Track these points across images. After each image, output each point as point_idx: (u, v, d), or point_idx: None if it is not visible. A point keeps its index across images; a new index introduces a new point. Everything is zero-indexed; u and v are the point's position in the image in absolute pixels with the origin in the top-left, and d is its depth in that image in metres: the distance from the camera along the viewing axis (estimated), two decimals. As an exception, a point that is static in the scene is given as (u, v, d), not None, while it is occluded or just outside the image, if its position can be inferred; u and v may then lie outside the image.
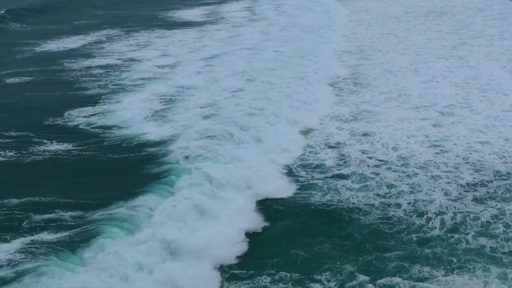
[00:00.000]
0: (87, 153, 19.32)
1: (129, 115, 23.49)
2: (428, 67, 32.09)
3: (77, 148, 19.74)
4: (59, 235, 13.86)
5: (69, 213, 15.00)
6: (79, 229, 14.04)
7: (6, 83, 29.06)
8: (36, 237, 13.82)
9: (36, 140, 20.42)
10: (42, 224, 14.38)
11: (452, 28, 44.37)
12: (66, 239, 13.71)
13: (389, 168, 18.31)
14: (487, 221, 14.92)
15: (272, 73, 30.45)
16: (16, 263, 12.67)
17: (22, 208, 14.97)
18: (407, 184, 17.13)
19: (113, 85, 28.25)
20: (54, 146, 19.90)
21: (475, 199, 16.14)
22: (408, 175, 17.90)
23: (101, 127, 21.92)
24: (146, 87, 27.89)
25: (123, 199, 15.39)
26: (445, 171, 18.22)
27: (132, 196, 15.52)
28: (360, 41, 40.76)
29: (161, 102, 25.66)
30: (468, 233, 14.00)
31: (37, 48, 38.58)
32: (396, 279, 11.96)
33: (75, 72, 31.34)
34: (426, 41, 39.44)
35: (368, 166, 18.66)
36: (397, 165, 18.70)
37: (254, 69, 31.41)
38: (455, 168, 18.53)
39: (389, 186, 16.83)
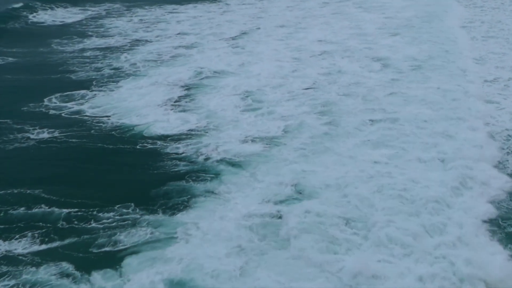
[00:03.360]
0: (74, 140, 17.72)
1: (127, 102, 21.15)
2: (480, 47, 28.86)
3: (60, 136, 18.02)
4: (53, 240, 12.19)
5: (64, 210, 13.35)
6: (83, 236, 12.28)
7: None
8: (20, 241, 12.24)
9: (16, 127, 18.83)
10: (28, 222, 12.94)
11: (496, 3, 41.46)
12: (64, 247, 11.95)
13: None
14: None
15: (325, 56, 27.22)
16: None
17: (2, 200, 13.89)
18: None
19: (111, 68, 25.81)
20: (37, 134, 18.21)
21: None
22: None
23: (92, 115, 19.99)
24: (156, 71, 25.38)
25: (135, 200, 13.64)
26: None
27: (146, 198, 13.82)
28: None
29: (176, 88, 22.85)
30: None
31: (23, 21, 36.00)
32: None
33: (66, 53, 28.93)
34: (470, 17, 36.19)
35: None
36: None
37: (302, 49, 28.58)
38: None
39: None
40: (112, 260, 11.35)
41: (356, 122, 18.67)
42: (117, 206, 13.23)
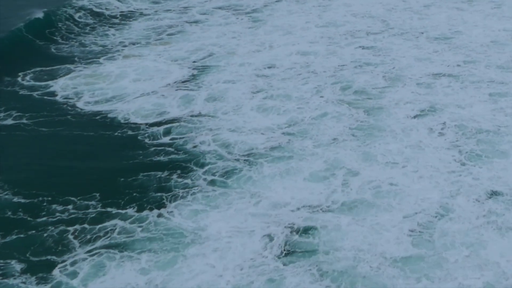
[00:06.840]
0: (47, 128, 17.04)
1: (114, 84, 20.13)
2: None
3: (34, 121, 17.55)
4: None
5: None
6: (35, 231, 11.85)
7: None
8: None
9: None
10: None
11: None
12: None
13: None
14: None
15: (364, 34, 25.35)
16: None
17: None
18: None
19: (98, 46, 24.50)
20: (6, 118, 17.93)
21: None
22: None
23: (66, 97, 19.18)
24: (152, 50, 23.88)
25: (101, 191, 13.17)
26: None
27: (114, 190, 13.25)
28: None
29: (177, 69, 21.44)
30: None
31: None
32: None
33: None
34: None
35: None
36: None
37: (335, 24, 26.80)
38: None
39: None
40: (54, 267, 10.71)
41: (403, 116, 16.93)
42: (78, 198, 12.77)
